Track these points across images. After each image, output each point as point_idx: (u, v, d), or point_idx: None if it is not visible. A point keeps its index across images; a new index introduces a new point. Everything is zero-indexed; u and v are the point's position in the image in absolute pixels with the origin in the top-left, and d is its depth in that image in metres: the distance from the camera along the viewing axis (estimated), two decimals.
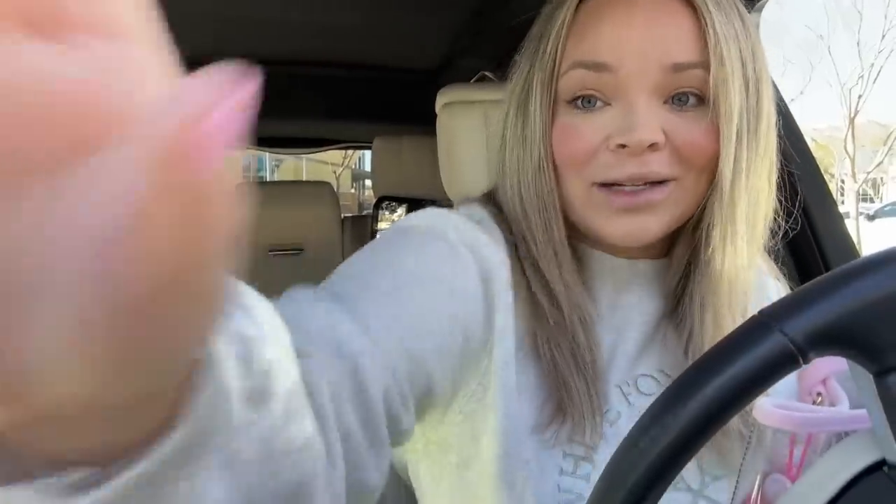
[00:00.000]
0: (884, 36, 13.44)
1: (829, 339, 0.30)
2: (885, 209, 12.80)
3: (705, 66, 0.47)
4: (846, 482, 0.33)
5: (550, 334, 0.50)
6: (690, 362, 0.48)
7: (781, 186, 0.58)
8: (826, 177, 1.22)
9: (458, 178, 0.87)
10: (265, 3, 1.33)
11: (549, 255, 0.51)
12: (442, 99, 0.92)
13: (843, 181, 14.80)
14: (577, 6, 0.50)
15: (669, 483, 0.32)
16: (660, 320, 0.55)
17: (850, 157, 13.35)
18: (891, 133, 13.58)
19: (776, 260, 0.68)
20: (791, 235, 1.05)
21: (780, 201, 0.57)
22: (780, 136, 0.53)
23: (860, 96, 13.47)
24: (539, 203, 0.51)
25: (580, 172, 0.50)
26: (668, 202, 0.49)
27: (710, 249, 0.50)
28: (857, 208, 12.41)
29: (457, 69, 1.66)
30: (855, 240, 1.22)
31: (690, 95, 0.48)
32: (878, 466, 0.33)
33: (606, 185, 0.49)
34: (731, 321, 0.51)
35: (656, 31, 0.47)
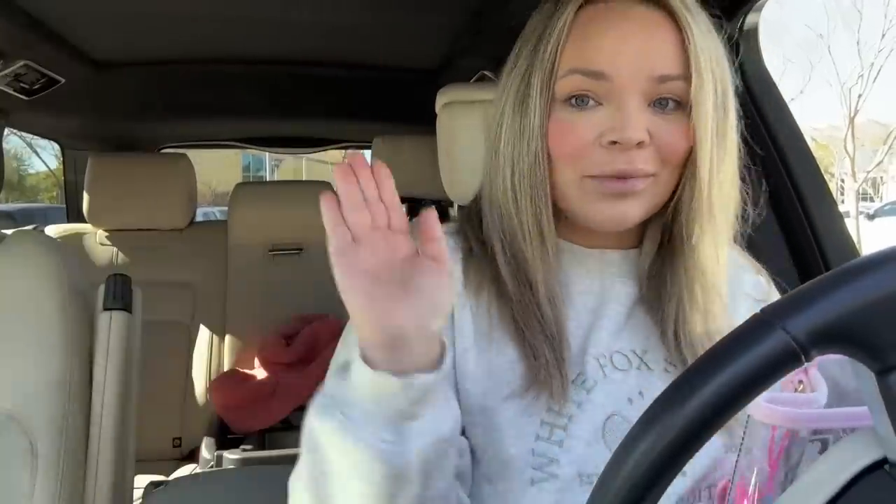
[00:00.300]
0: (884, 35, 13.45)
1: (831, 338, 0.30)
2: (885, 208, 12.80)
3: (685, 77, 0.54)
4: (847, 481, 0.33)
5: (518, 313, 0.57)
6: (666, 343, 0.59)
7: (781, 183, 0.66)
8: (826, 176, 1.23)
9: (458, 177, 0.87)
10: (266, 3, 1.33)
11: (535, 239, 0.57)
12: (442, 99, 0.92)
13: (842, 180, 14.81)
14: (576, 11, 0.56)
15: (671, 482, 0.32)
16: (634, 303, 0.61)
17: (849, 156, 13.36)
18: (891, 132, 13.58)
19: (775, 257, 0.69)
20: (789, 234, 1.05)
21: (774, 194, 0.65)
22: (742, 135, 0.61)
23: (860, 95, 13.49)
24: (532, 192, 0.57)
25: (574, 165, 0.56)
26: (647, 193, 0.56)
27: (693, 237, 0.57)
28: (857, 207, 12.41)
29: (457, 69, 1.66)
30: (855, 239, 1.22)
31: (671, 100, 0.55)
32: (880, 465, 0.33)
33: (596, 178, 0.55)
34: (707, 304, 0.58)
35: (647, 45, 0.54)
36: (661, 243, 0.61)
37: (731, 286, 0.62)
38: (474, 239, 0.62)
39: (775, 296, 0.66)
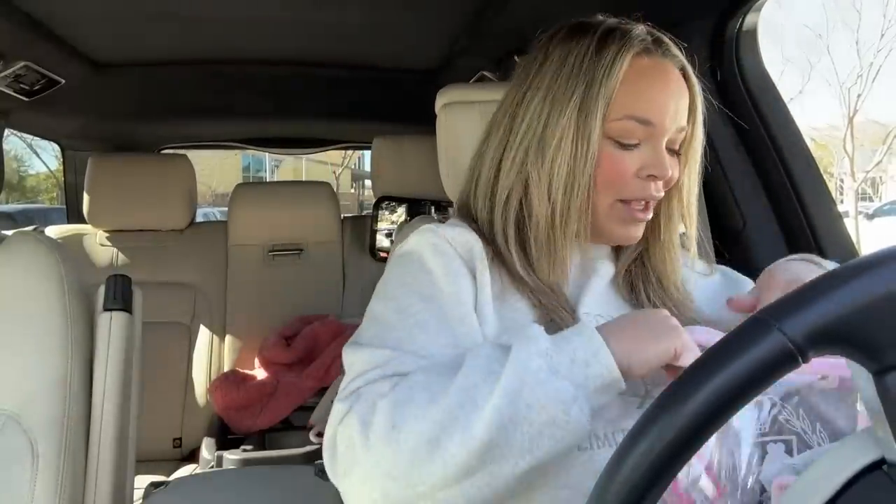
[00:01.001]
0: (883, 35, 13.42)
1: (829, 338, 0.30)
2: (884, 208, 12.78)
3: (689, 129, 0.71)
4: (846, 481, 0.33)
5: (527, 285, 0.70)
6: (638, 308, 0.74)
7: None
8: (825, 176, 1.23)
9: (458, 177, 0.87)
10: (266, 4, 1.33)
11: (564, 238, 0.70)
12: (441, 99, 0.92)
13: (842, 180, 14.80)
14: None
15: (670, 482, 0.32)
16: (612, 279, 0.76)
17: (848, 156, 13.34)
18: (890, 132, 13.56)
19: (774, 256, 0.74)
20: (790, 233, 1.05)
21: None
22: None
23: (859, 95, 13.47)
24: (580, 205, 0.69)
25: (611, 190, 0.69)
26: (650, 216, 0.72)
27: (670, 229, 0.75)
28: (857, 207, 12.39)
29: (456, 69, 1.66)
30: (854, 239, 1.22)
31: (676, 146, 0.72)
32: (878, 465, 0.33)
33: (626, 201, 0.70)
34: (668, 283, 0.76)
35: (679, 102, 0.69)
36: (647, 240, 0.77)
37: (691, 267, 0.80)
38: (476, 228, 0.74)
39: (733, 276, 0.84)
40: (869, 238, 10.45)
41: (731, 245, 1.07)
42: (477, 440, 0.53)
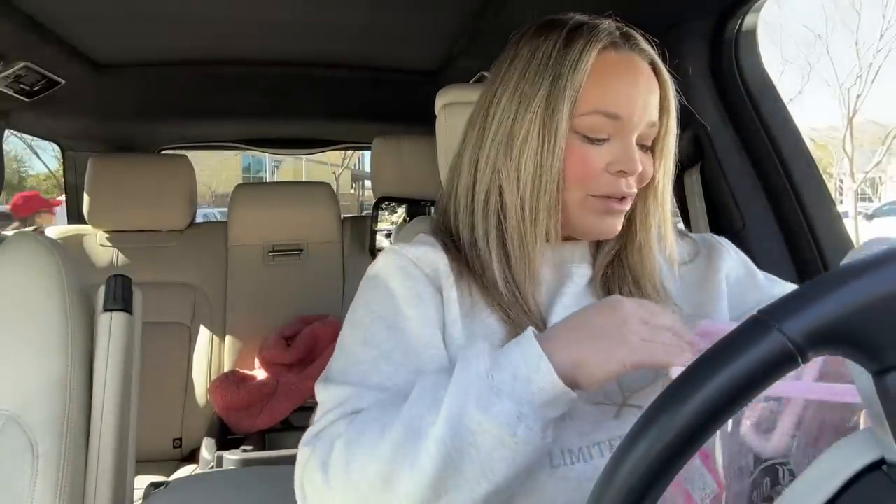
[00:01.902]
0: (882, 35, 13.42)
1: (828, 339, 0.30)
2: (884, 209, 12.79)
3: (661, 124, 0.69)
4: (845, 481, 0.33)
5: (499, 295, 0.68)
6: None
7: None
8: (825, 176, 1.23)
9: None
10: (266, 5, 1.33)
11: (534, 239, 0.68)
12: (441, 99, 0.92)
13: (841, 181, 14.80)
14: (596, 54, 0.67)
15: (668, 483, 0.32)
16: (588, 283, 0.74)
17: (848, 156, 13.35)
18: (889, 132, 13.57)
19: (774, 257, 0.73)
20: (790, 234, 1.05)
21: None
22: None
23: (858, 96, 13.47)
24: (549, 204, 0.67)
25: (582, 186, 0.68)
26: (626, 209, 0.71)
27: (647, 225, 0.73)
28: (856, 208, 12.40)
29: (456, 70, 1.66)
30: (853, 239, 1.22)
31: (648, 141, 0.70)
32: (878, 465, 0.33)
33: (598, 196, 0.68)
34: (645, 286, 0.73)
35: (649, 96, 0.68)
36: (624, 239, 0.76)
37: (670, 262, 0.77)
38: (447, 234, 0.74)
39: (711, 245, 0.80)
40: (868, 238, 10.42)
41: None
42: (426, 473, 0.52)
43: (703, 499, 0.50)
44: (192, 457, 1.87)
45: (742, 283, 0.76)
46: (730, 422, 0.51)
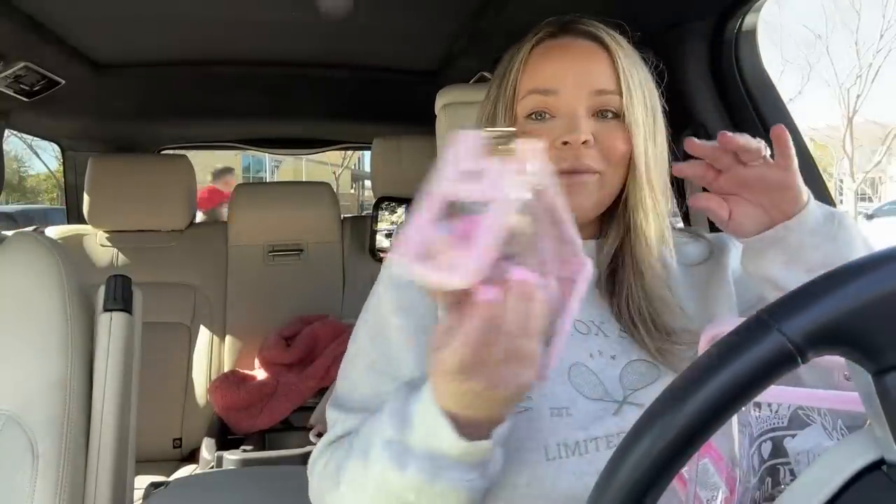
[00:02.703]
0: (882, 35, 13.43)
1: (828, 339, 0.30)
2: (884, 208, 12.78)
3: (619, 92, 0.69)
4: (845, 481, 0.33)
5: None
6: (618, 317, 0.70)
7: None
8: (825, 177, 1.23)
9: None
10: (265, 5, 1.33)
11: None
12: (441, 100, 0.92)
13: (841, 181, 14.80)
14: (530, 50, 0.71)
15: (669, 482, 0.32)
16: (590, 285, 0.71)
17: (848, 156, 13.36)
18: (889, 132, 13.58)
19: None
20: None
21: None
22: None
23: (858, 96, 13.48)
24: None
25: None
26: (594, 187, 0.69)
27: (639, 224, 0.71)
28: (856, 208, 12.41)
29: (456, 70, 1.66)
30: None
31: (609, 112, 0.69)
32: (877, 465, 0.33)
33: (562, 174, 0.66)
34: (652, 287, 0.71)
35: (586, 66, 0.69)
36: (622, 236, 0.74)
37: (679, 260, 0.76)
38: None
39: (722, 244, 0.79)
40: (868, 238, 10.42)
41: None
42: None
43: (709, 500, 0.50)
44: (192, 457, 1.87)
45: (744, 278, 0.76)
46: (735, 423, 0.51)
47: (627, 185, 0.71)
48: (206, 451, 1.65)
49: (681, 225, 1.20)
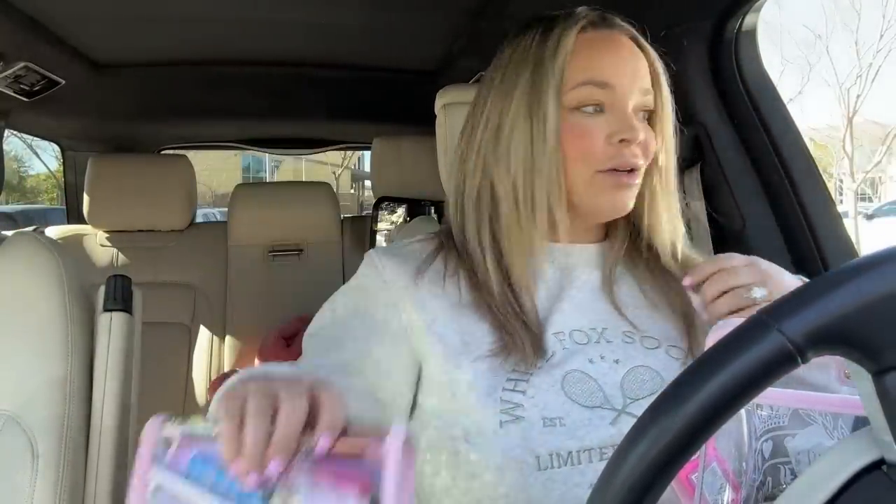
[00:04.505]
0: (882, 35, 13.42)
1: (828, 339, 0.30)
2: (884, 208, 12.78)
3: (653, 92, 0.69)
4: (845, 481, 0.33)
5: (492, 297, 0.67)
6: (623, 321, 0.69)
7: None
8: (825, 176, 1.23)
9: None
10: (265, 5, 1.33)
11: (534, 232, 0.67)
12: (441, 100, 0.92)
13: (841, 181, 14.80)
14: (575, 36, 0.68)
15: (668, 483, 0.32)
16: (593, 289, 0.72)
17: (848, 156, 13.35)
18: (889, 132, 13.57)
19: (774, 257, 0.72)
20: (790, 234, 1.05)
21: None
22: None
23: (858, 96, 13.47)
24: (549, 187, 0.66)
25: (586, 162, 0.66)
26: (636, 185, 0.69)
27: (655, 216, 0.71)
28: (856, 208, 12.40)
29: (456, 70, 1.66)
30: (853, 239, 1.22)
31: (647, 111, 0.69)
32: (877, 465, 0.33)
33: (606, 171, 0.67)
34: (659, 290, 0.72)
35: (636, 64, 0.68)
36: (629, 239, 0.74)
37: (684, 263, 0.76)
38: (445, 237, 0.74)
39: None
40: (868, 238, 10.45)
41: (731, 245, 1.07)
42: None
43: (714, 501, 0.50)
44: None
45: None
46: (744, 422, 0.51)
47: (646, 185, 0.70)
48: None
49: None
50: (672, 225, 0.72)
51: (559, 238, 0.71)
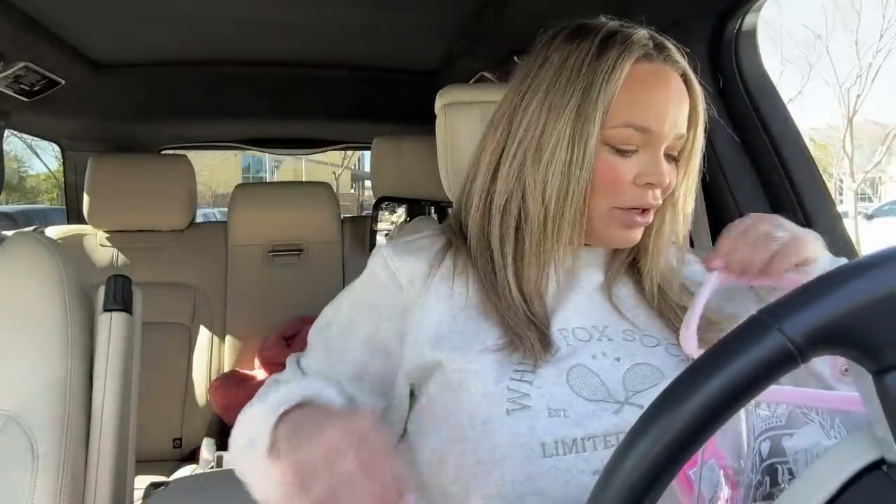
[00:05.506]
0: (882, 35, 13.41)
1: (828, 339, 0.30)
2: (884, 208, 12.77)
3: (687, 137, 0.70)
4: (845, 481, 0.33)
5: (497, 297, 0.69)
6: (623, 321, 0.71)
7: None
8: (824, 176, 1.23)
9: (458, 178, 0.87)
10: (265, 5, 1.33)
11: (554, 244, 0.69)
12: (441, 99, 0.92)
13: (841, 181, 14.80)
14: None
15: (669, 482, 0.32)
16: (595, 290, 0.74)
17: (848, 156, 13.35)
18: (889, 132, 13.57)
19: None
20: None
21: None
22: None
23: (858, 96, 13.46)
24: (574, 210, 0.68)
25: (608, 197, 0.68)
26: (649, 220, 0.71)
27: (659, 238, 0.73)
28: (856, 208, 12.40)
29: (456, 70, 1.66)
30: (853, 239, 1.22)
31: (675, 155, 0.70)
32: (877, 465, 0.33)
33: (622, 208, 0.68)
34: (658, 294, 0.74)
35: (679, 109, 0.68)
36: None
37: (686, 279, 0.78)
38: (453, 234, 0.75)
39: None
40: (868, 238, 10.45)
41: None
42: None
43: (712, 499, 0.50)
44: (192, 457, 1.87)
45: None
46: (744, 422, 0.51)
47: (657, 210, 0.71)
48: (206, 451, 1.65)
49: None
50: (676, 247, 0.76)
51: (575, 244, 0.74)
